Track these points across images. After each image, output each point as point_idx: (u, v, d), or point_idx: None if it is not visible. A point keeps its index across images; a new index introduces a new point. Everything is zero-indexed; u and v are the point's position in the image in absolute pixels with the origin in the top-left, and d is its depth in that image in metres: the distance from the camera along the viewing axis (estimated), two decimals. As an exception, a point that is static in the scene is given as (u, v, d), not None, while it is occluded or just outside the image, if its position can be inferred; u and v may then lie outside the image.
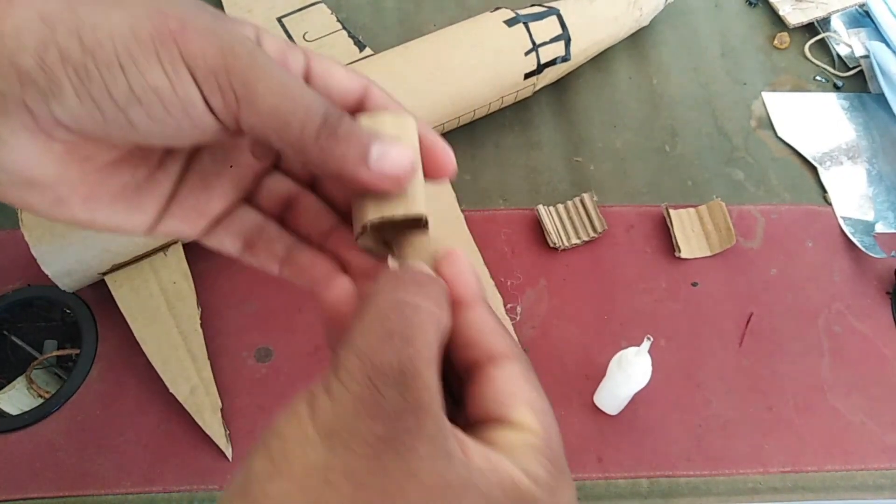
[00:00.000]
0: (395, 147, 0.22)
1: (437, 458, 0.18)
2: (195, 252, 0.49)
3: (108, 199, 0.23)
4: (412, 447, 0.18)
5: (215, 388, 0.44)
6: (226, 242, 0.26)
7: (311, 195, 0.27)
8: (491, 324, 0.22)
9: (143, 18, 0.20)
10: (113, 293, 0.46)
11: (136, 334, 0.45)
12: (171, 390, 0.43)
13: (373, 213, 0.23)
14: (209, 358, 0.44)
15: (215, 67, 0.20)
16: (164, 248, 0.47)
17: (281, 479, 0.17)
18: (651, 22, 0.63)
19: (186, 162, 0.25)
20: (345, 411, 0.18)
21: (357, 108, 0.25)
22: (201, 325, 0.45)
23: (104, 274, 0.46)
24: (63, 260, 0.43)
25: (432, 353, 0.19)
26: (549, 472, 0.20)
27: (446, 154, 0.25)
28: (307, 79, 0.24)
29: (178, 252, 0.47)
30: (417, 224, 0.24)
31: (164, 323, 0.45)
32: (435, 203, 0.49)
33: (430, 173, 0.25)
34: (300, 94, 0.21)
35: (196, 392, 0.43)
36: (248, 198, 0.27)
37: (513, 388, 0.21)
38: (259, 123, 0.21)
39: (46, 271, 0.43)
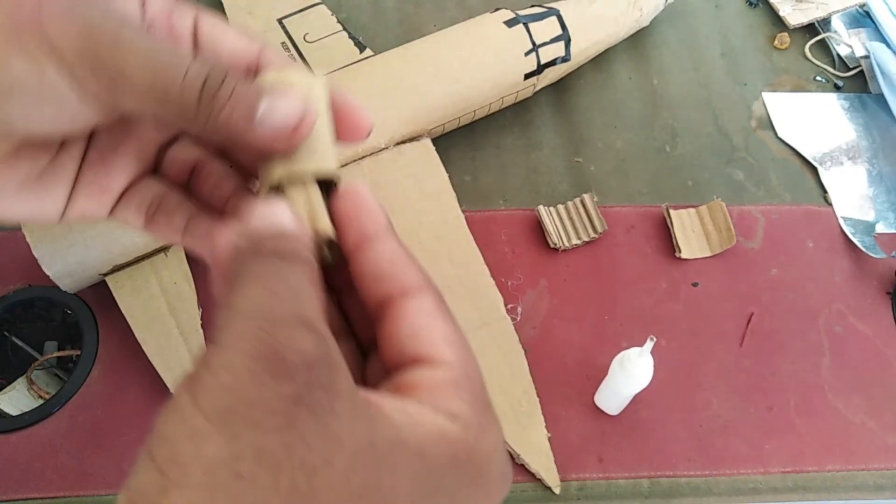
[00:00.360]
0: (283, 99, 0.21)
1: (358, 418, 0.16)
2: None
3: (14, 190, 0.23)
4: (329, 406, 0.15)
5: None
6: (129, 217, 0.25)
7: (215, 161, 0.26)
8: (401, 255, 0.21)
9: (6, 8, 0.19)
10: (114, 294, 0.46)
11: (136, 335, 0.45)
12: (171, 391, 0.43)
13: (278, 172, 0.22)
14: None
15: (82, 51, 0.19)
16: (165, 249, 0.47)
17: (178, 491, 0.14)
18: (651, 22, 0.63)
19: (86, 141, 0.25)
20: (238, 380, 0.15)
21: (249, 69, 0.24)
22: (202, 325, 0.45)
23: (105, 275, 0.46)
24: (64, 261, 0.43)
25: (321, 307, 0.18)
26: (473, 407, 0.19)
27: (359, 113, 0.24)
28: (194, 38, 0.23)
29: (179, 253, 0.47)
30: (330, 185, 0.23)
31: (165, 324, 0.45)
32: (435, 204, 0.50)
33: (344, 135, 0.24)
34: (175, 60, 0.20)
35: None
36: (155, 168, 0.26)
37: (426, 321, 0.20)
38: (138, 101, 0.20)
39: (47, 272, 0.43)
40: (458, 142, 0.56)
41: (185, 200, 0.26)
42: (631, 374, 0.41)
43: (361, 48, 0.56)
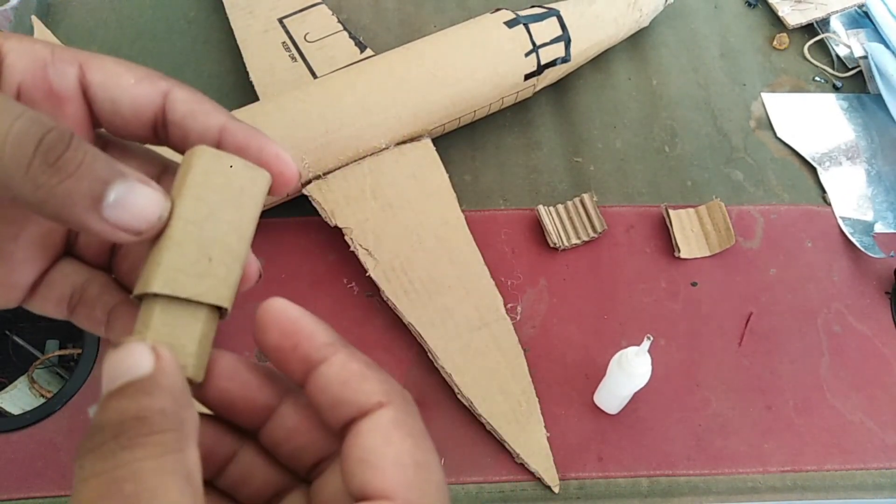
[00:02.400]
0: (142, 190, 0.18)
1: None
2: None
3: None
4: None
5: None
6: (48, 309, 0.22)
7: None
8: (352, 372, 0.19)
9: None
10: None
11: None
12: None
13: (157, 284, 0.18)
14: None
15: None
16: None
17: None
18: (651, 23, 0.63)
19: (45, 230, 0.22)
20: None
21: (157, 120, 0.21)
22: None
23: (106, 274, 0.46)
24: None
25: (174, 473, 0.15)
26: None
27: (281, 158, 0.21)
28: (85, 93, 0.20)
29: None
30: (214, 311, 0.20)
31: None
32: (435, 204, 0.50)
33: (274, 188, 0.21)
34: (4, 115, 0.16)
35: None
36: (70, 250, 0.23)
37: (376, 443, 0.18)
38: None
39: None
40: (458, 142, 0.56)
41: (108, 286, 0.23)
42: (629, 373, 0.41)
43: (362, 48, 0.56)
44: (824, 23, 0.66)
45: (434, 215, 0.49)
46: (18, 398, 0.46)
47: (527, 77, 0.54)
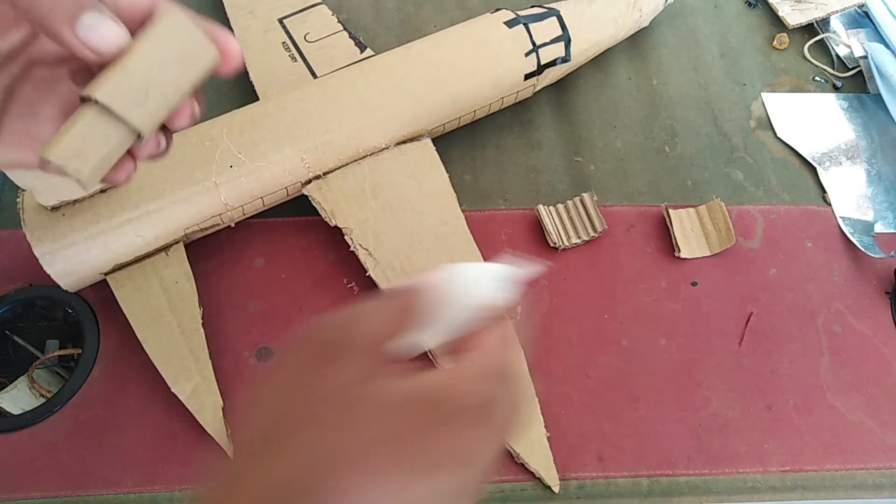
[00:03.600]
0: (109, 24, 0.22)
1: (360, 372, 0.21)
2: (197, 252, 0.49)
3: (7, 107, 0.25)
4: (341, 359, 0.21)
5: (216, 387, 0.44)
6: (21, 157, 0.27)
7: None
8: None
9: None
10: (115, 293, 0.46)
11: (137, 334, 0.45)
12: (172, 390, 0.43)
13: (100, 92, 0.23)
14: (210, 357, 0.45)
15: None
16: (165, 248, 0.47)
17: None
18: (651, 23, 0.63)
19: (4, 96, 0.26)
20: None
21: (142, 24, 0.25)
22: (202, 324, 0.45)
23: (106, 274, 0.46)
24: (65, 260, 0.43)
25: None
26: (470, 366, 0.24)
27: (228, 40, 0.26)
28: None
29: (179, 252, 0.47)
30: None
31: (166, 323, 0.45)
32: (435, 204, 0.50)
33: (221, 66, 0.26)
34: None
35: (198, 391, 0.44)
36: None
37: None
38: None
39: (48, 271, 0.43)
40: (458, 141, 0.56)
41: None
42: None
43: (362, 48, 0.56)
44: (824, 23, 0.66)
45: (434, 215, 0.49)
46: (18, 398, 0.46)
47: (527, 77, 0.54)
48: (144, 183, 0.45)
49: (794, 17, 0.65)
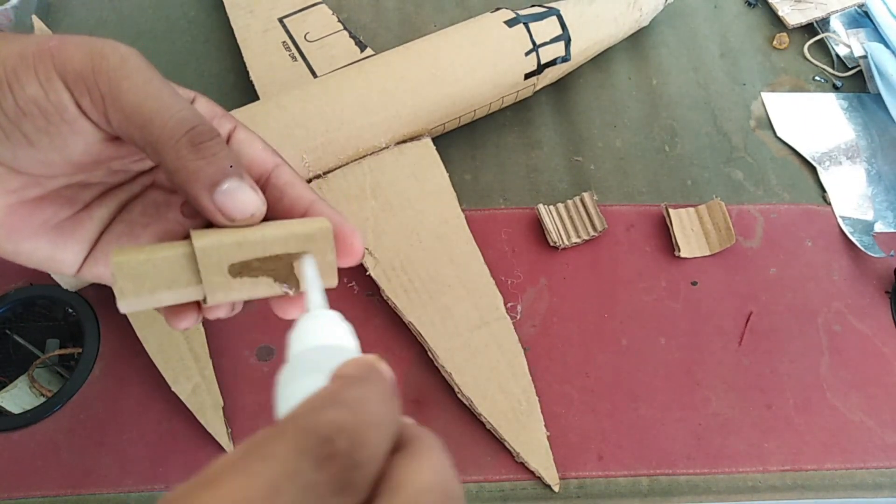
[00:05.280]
0: (248, 192, 0.23)
1: None
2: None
3: (31, 234, 0.24)
4: None
5: (217, 386, 0.44)
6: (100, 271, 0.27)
7: None
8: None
9: (33, 44, 0.22)
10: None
11: (138, 333, 0.45)
12: (172, 389, 0.43)
13: (200, 237, 0.23)
14: (211, 357, 0.45)
15: (83, 70, 0.22)
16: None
17: None
18: (651, 22, 0.63)
19: (116, 211, 0.27)
20: None
21: (263, 181, 0.26)
22: (203, 323, 0.45)
23: (106, 273, 0.46)
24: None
25: None
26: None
27: (353, 237, 0.25)
28: (228, 141, 0.26)
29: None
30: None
31: (166, 322, 0.45)
32: (435, 203, 0.50)
33: (340, 257, 0.25)
34: (169, 99, 0.22)
35: (198, 391, 0.44)
36: None
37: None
38: (124, 120, 0.22)
39: (62, 283, 0.43)
40: (458, 141, 0.56)
41: None
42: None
43: (362, 48, 0.56)
44: (824, 22, 0.66)
45: (434, 214, 0.49)
46: (19, 397, 0.46)
47: (527, 76, 0.54)
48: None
49: (793, 16, 0.65)
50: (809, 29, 0.66)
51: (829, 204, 0.56)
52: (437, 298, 0.46)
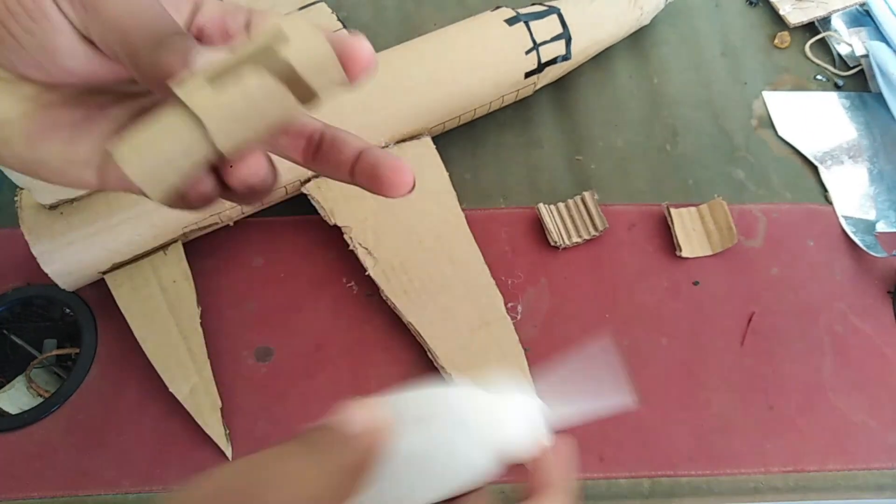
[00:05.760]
0: (215, 51, 0.22)
1: None
2: (196, 251, 0.48)
3: (47, 136, 0.24)
4: None
5: (215, 387, 0.44)
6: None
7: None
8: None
9: None
10: (112, 292, 0.45)
11: (135, 333, 0.44)
12: (170, 389, 0.43)
13: (179, 85, 0.21)
14: (209, 357, 0.44)
15: None
16: (164, 247, 0.47)
17: None
18: (651, 21, 0.62)
19: (135, 114, 0.26)
20: None
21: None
22: (201, 324, 0.45)
23: (104, 273, 0.46)
24: (63, 259, 0.43)
25: None
26: None
27: (358, 45, 0.22)
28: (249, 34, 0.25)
29: (178, 251, 0.47)
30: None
31: (164, 322, 0.45)
32: (435, 203, 0.49)
33: (351, 73, 0.22)
34: (149, 9, 0.22)
35: (196, 391, 0.43)
36: None
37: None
38: (104, 33, 0.22)
39: (46, 270, 0.43)
40: (458, 140, 0.56)
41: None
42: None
43: (361, 46, 0.56)
44: (825, 21, 0.66)
45: (434, 214, 0.49)
46: (16, 398, 0.45)
47: (527, 75, 0.54)
48: (143, 181, 0.45)
49: (795, 15, 0.65)
50: (811, 28, 0.65)
51: (831, 203, 0.55)
52: (437, 299, 0.46)
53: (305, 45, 0.21)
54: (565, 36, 0.54)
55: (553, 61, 0.54)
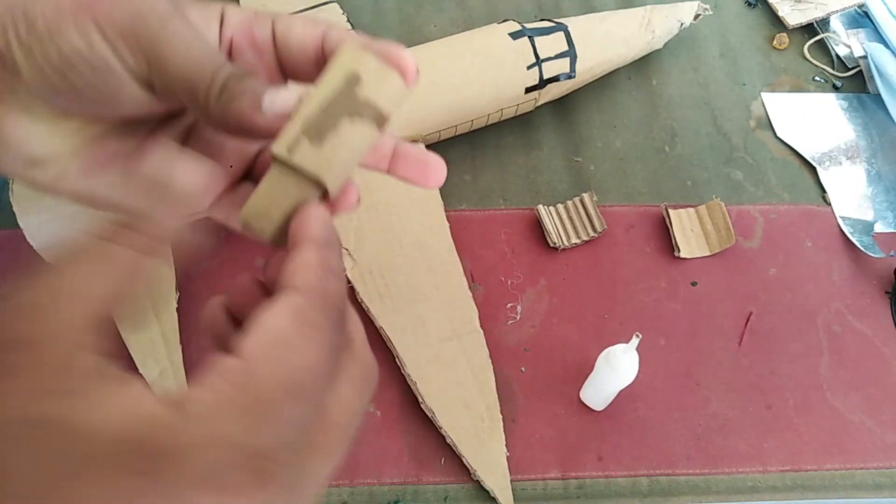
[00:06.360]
0: (282, 92, 0.23)
1: (37, 396, 0.16)
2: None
3: (101, 169, 0.25)
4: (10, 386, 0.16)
5: (184, 372, 0.44)
6: (231, 217, 0.27)
7: None
8: (304, 261, 0.21)
9: None
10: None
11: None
12: (140, 371, 0.43)
13: (278, 147, 0.22)
14: (181, 343, 0.44)
15: (123, 31, 0.22)
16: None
17: None
18: (651, 23, 0.63)
19: (183, 134, 0.27)
20: None
21: (318, 57, 0.25)
22: (177, 308, 0.45)
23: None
24: (49, 233, 0.44)
25: (74, 288, 0.19)
26: (226, 404, 0.18)
27: (405, 58, 0.24)
28: (273, 41, 0.25)
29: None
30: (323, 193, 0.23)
31: (141, 303, 0.45)
32: (421, 210, 0.49)
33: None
34: (208, 55, 0.23)
35: (164, 375, 0.43)
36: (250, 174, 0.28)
37: (262, 314, 0.20)
38: (168, 85, 0.23)
39: (32, 243, 0.43)
40: (457, 141, 0.56)
41: None
42: (616, 369, 0.41)
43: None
44: (824, 22, 0.66)
45: (418, 221, 0.49)
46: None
47: (528, 90, 0.53)
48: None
49: (793, 16, 0.65)
50: (809, 29, 0.66)
51: (829, 204, 0.56)
52: (412, 306, 0.46)
53: (379, 81, 0.23)
54: (570, 54, 0.53)
55: (556, 79, 0.53)
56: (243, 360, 0.19)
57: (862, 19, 0.67)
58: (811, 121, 0.60)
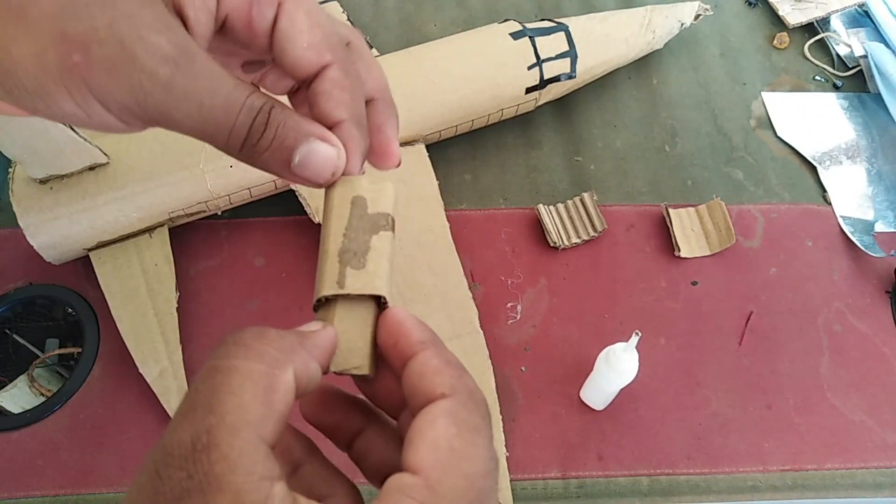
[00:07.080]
0: (319, 149, 0.22)
1: None
2: (196, 252, 0.49)
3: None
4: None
5: (184, 372, 0.44)
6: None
7: None
8: (432, 365, 0.21)
9: (48, 46, 0.19)
10: (96, 269, 0.46)
11: (112, 312, 0.45)
12: (140, 370, 0.43)
13: (328, 288, 0.23)
14: (181, 342, 0.44)
15: (127, 105, 0.20)
16: (150, 230, 0.47)
17: None
18: (651, 22, 0.63)
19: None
20: None
21: (305, 82, 0.24)
22: (177, 309, 0.45)
23: (89, 250, 0.46)
24: (49, 232, 0.44)
25: (246, 415, 0.18)
26: None
27: (392, 143, 0.26)
28: (271, 34, 0.23)
29: (163, 235, 0.47)
30: (377, 300, 0.24)
31: (142, 303, 0.45)
32: (422, 211, 0.49)
33: (374, 159, 0.26)
34: (222, 111, 0.21)
35: (164, 374, 0.43)
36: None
37: (423, 426, 0.20)
38: (188, 132, 0.22)
39: (32, 242, 0.43)
40: (458, 141, 0.56)
41: None
42: (616, 369, 0.41)
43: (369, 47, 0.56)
44: (824, 22, 0.66)
45: (419, 221, 0.49)
46: (18, 397, 0.46)
47: (528, 90, 0.53)
48: (133, 164, 0.45)
49: (794, 16, 0.65)
50: (810, 28, 0.66)
51: (830, 204, 0.56)
52: (412, 306, 0.46)
53: (378, 195, 0.25)
54: (571, 54, 0.53)
55: (556, 79, 0.54)
56: (422, 476, 0.19)
57: (862, 18, 0.67)
58: (811, 120, 0.60)
